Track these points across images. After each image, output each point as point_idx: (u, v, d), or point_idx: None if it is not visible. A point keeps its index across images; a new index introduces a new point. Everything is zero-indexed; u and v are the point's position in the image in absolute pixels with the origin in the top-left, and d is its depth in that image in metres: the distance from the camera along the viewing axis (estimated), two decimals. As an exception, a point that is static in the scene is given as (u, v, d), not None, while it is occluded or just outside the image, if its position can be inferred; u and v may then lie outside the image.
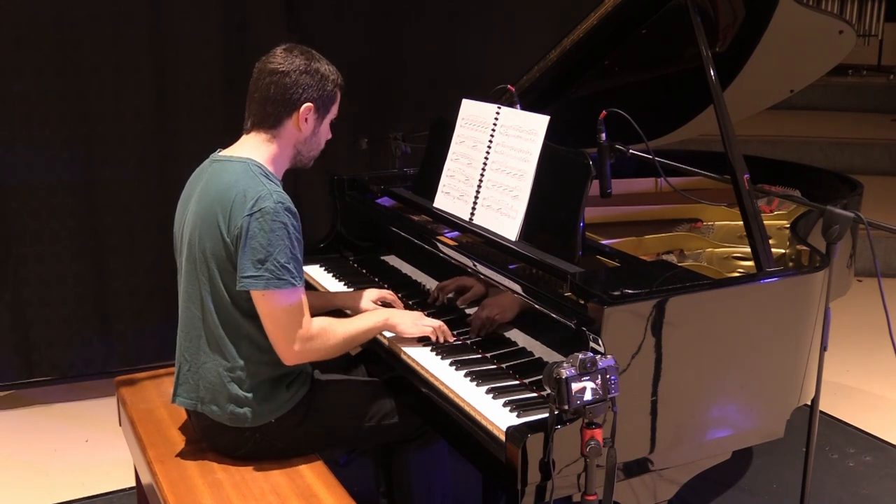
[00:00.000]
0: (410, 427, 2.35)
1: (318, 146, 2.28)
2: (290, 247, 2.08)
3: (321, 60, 2.22)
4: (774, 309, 2.14)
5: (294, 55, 2.17)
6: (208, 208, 2.12)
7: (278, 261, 2.05)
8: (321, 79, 2.19)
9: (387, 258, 2.82)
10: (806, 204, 2.51)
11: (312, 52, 2.22)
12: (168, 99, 3.79)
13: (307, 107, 2.18)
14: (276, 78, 2.15)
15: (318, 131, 2.25)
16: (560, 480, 1.83)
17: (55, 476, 3.24)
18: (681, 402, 2.01)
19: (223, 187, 2.11)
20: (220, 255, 2.11)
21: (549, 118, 2.32)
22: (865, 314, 3.71)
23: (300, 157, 2.26)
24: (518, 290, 2.17)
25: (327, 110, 2.24)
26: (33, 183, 3.62)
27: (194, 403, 2.21)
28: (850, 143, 6.79)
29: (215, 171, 2.18)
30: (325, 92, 2.20)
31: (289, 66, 2.15)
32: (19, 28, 3.49)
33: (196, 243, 2.15)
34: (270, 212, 2.05)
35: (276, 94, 2.16)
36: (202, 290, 2.16)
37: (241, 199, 2.07)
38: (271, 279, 2.05)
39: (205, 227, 2.13)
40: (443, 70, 4.25)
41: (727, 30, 2.88)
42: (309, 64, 2.17)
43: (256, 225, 2.04)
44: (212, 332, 2.17)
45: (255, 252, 2.05)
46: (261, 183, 2.09)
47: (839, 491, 3.11)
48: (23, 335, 3.72)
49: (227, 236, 2.08)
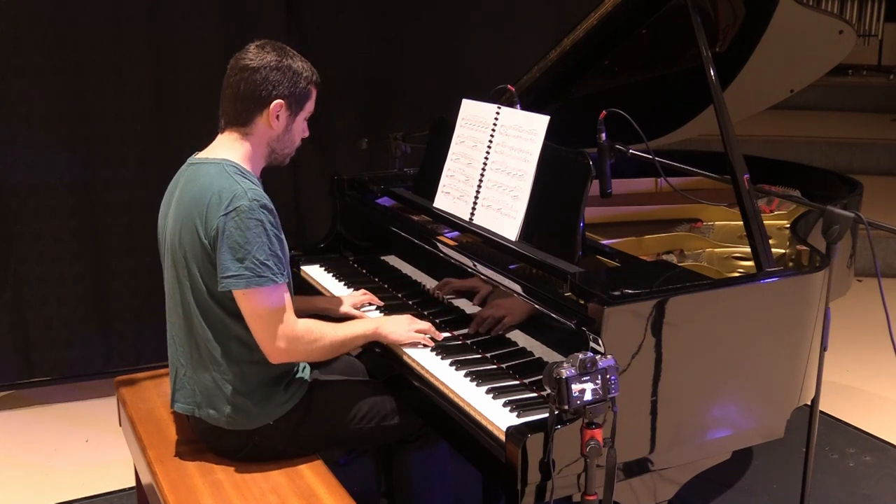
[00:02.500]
0: (411, 428, 2.35)
1: (293, 143, 2.25)
2: (269, 243, 2.06)
3: (294, 57, 2.18)
4: (774, 309, 2.14)
5: (266, 51, 2.15)
6: (186, 212, 2.11)
7: (257, 258, 2.03)
8: (293, 75, 2.16)
9: (387, 258, 2.82)
10: (806, 204, 2.50)
11: (286, 48, 2.20)
12: (168, 99, 3.79)
13: (277, 103, 2.14)
14: (246, 74, 2.13)
15: (292, 129, 2.22)
16: (560, 480, 1.83)
17: (55, 476, 3.24)
18: (681, 402, 2.01)
19: (199, 190, 2.10)
20: (200, 258, 2.10)
21: (549, 118, 2.32)
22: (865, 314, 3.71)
23: (275, 155, 2.23)
24: (518, 290, 2.17)
25: (300, 107, 2.21)
26: (33, 183, 3.63)
27: (192, 408, 2.21)
28: (850, 143, 6.78)
29: (191, 174, 2.16)
30: (297, 88, 2.17)
31: (259, 63, 2.13)
32: (19, 28, 3.49)
33: (177, 248, 2.14)
34: (246, 209, 2.03)
35: (245, 91, 2.14)
36: (186, 294, 2.15)
37: (217, 200, 2.05)
38: (252, 277, 2.04)
39: (184, 232, 2.11)
40: (443, 70, 4.25)
41: (727, 30, 2.88)
42: (280, 60, 2.14)
43: (233, 224, 2.03)
44: (200, 335, 2.15)
45: (234, 251, 2.03)
46: (235, 182, 2.07)
47: (839, 491, 3.11)
48: (23, 335, 3.72)
49: (205, 238, 2.07)
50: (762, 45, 2.84)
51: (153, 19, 3.69)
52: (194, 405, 2.20)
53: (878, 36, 8.83)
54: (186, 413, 2.24)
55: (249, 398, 2.16)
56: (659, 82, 3.13)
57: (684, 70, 2.96)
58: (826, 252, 2.22)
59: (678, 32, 2.64)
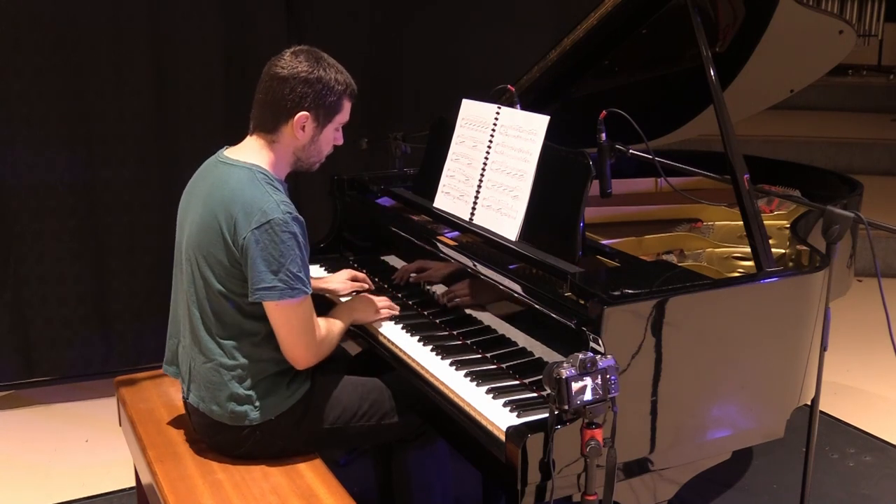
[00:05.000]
0: (410, 427, 2.35)
1: (320, 153, 2.25)
2: (301, 255, 2.09)
3: (329, 67, 2.16)
4: (774, 309, 2.14)
5: (299, 60, 2.13)
6: (212, 214, 2.11)
7: (290, 271, 2.06)
8: (322, 87, 2.14)
9: (387, 258, 2.82)
10: (806, 204, 2.50)
11: (323, 57, 2.17)
12: (168, 99, 3.79)
13: (303, 115, 2.14)
14: (275, 84, 2.13)
15: (318, 140, 2.21)
16: (560, 480, 1.83)
17: (55, 476, 3.24)
18: (681, 402, 2.01)
19: (228, 194, 2.10)
20: (222, 261, 2.10)
21: (549, 118, 2.32)
22: (865, 314, 3.72)
23: (301, 163, 2.24)
24: (518, 290, 2.17)
25: (329, 119, 2.20)
26: (33, 183, 3.62)
27: (198, 402, 2.22)
28: (850, 143, 6.78)
29: (221, 174, 2.16)
30: (324, 101, 2.15)
31: (289, 72, 2.12)
32: (19, 28, 3.49)
33: (198, 246, 2.15)
34: (280, 223, 2.04)
35: (272, 100, 2.14)
36: (200, 292, 2.16)
37: (248, 210, 2.06)
38: (285, 290, 2.06)
39: (209, 233, 2.12)
40: (443, 70, 4.25)
41: (727, 30, 2.88)
42: (311, 71, 2.12)
43: (266, 238, 2.04)
44: (211, 331, 2.17)
45: (269, 264, 2.05)
46: (266, 192, 2.08)
47: (839, 491, 3.11)
48: (23, 335, 3.72)
49: (233, 245, 2.08)
50: (762, 45, 2.84)
51: (153, 19, 3.69)
52: (199, 399, 2.22)
53: (878, 36, 8.84)
54: (195, 405, 2.24)
55: (254, 394, 2.17)
56: (659, 82, 3.13)
57: (684, 70, 2.96)
58: (826, 252, 2.22)
59: (678, 32, 2.64)
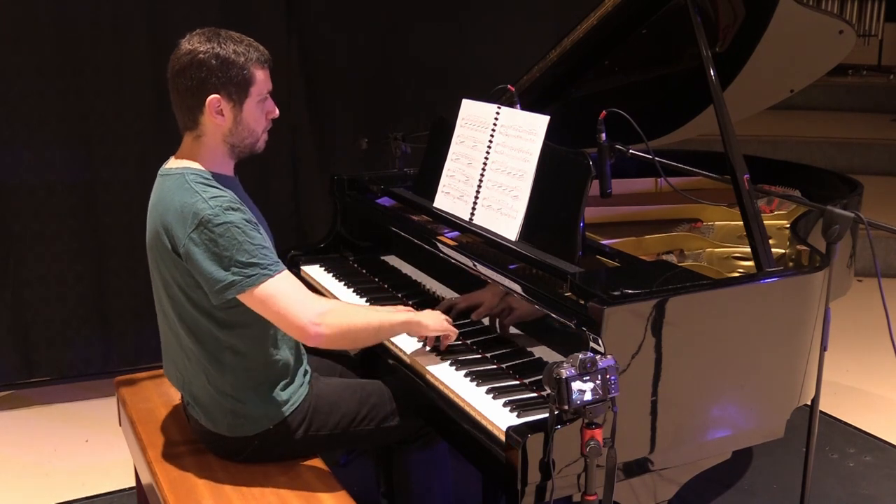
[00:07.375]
0: (411, 428, 2.35)
1: (252, 132, 2.10)
2: (248, 240, 1.99)
3: (226, 40, 2.03)
4: (774, 309, 2.14)
5: (192, 45, 2.02)
6: (156, 233, 2.08)
7: (239, 261, 1.97)
8: (221, 64, 2.01)
9: (387, 258, 2.82)
10: (806, 204, 2.50)
11: (219, 32, 2.05)
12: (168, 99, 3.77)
13: (213, 98, 2.02)
14: (177, 79, 2.04)
15: (242, 118, 2.07)
16: (560, 480, 1.83)
17: (55, 476, 3.24)
18: (681, 402, 2.01)
19: (163, 208, 2.06)
20: (178, 276, 2.06)
21: (549, 118, 2.32)
22: (865, 314, 3.72)
23: (238, 149, 2.11)
24: (518, 290, 2.17)
25: (244, 94, 2.05)
26: (33, 183, 3.63)
27: (196, 416, 2.22)
28: (850, 143, 6.78)
29: (159, 188, 2.11)
30: (230, 77, 2.02)
31: (186, 61, 2.01)
32: (19, 28, 3.49)
33: (157, 268, 2.13)
34: (212, 218, 1.97)
35: (181, 95, 2.06)
36: (170, 313, 2.14)
37: (182, 217, 1.99)
38: (243, 280, 1.98)
39: (160, 251, 2.08)
40: (443, 70, 4.25)
41: (727, 30, 2.88)
42: (207, 51, 2.00)
43: (204, 237, 1.97)
44: (192, 350, 2.13)
45: (217, 261, 1.97)
46: (195, 193, 2.00)
47: (839, 491, 3.11)
48: (23, 335, 3.72)
49: (179, 256, 2.03)
50: (762, 45, 2.84)
51: (153, 19, 3.69)
52: (197, 414, 2.21)
53: (878, 36, 8.84)
54: (194, 416, 2.23)
55: (247, 405, 2.14)
56: (659, 82, 3.13)
57: (684, 70, 2.96)
58: (826, 252, 2.22)
59: (678, 32, 2.64)
